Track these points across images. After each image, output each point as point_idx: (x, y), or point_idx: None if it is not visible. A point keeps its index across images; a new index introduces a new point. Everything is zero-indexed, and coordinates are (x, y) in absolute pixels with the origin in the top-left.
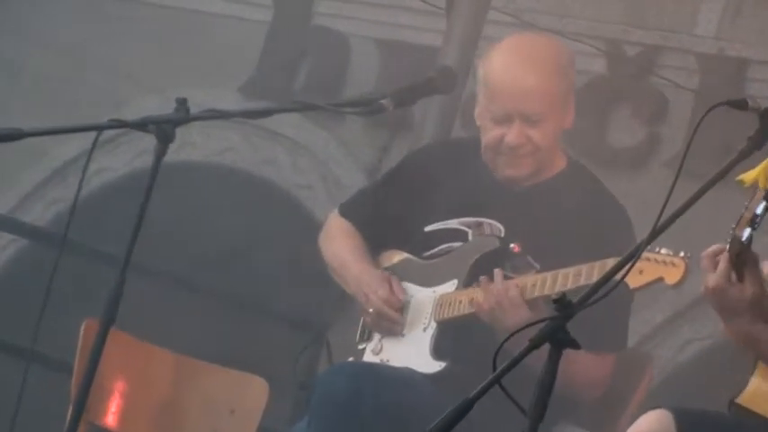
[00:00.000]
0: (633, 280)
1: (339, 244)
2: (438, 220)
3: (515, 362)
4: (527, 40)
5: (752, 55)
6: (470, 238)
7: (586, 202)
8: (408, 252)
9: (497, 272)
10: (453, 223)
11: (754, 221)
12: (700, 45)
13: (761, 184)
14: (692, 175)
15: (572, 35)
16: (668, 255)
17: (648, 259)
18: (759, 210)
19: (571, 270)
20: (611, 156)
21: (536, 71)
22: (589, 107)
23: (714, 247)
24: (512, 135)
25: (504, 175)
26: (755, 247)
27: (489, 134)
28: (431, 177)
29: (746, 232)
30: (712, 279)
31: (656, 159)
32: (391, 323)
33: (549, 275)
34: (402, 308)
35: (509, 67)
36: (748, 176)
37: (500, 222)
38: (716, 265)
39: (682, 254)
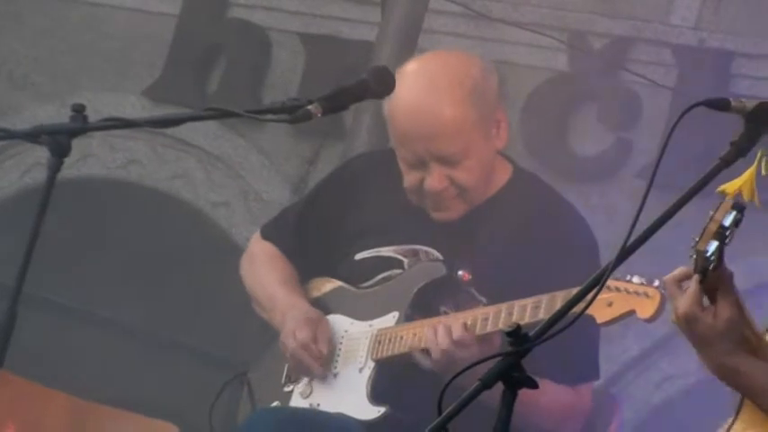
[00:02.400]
0: (601, 314)
1: (267, 273)
2: (370, 246)
3: (463, 404)
4: (425, 67)
5: (738, 47)
6: (406, 267)
7: (536, 218)
8: (341, 280)
9: (439, 326)
10: (387, 251)
11: (722, 234)
12: (677, 36)
13: (745, 196)
14: (668, 186)
15: (529, 26)
16: (641, 284)
17: (618, 289)
18: (727, 221)
19: (529, 301)
20: (575, 165)
21: (442, 103)
22: (549, 109)
23: (678, 271)
24: (431, 181)
25: (433, 217)
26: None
27: (407, 178)
28: (360, 195)
29: (712, 246)
30: (682, 304)
31: (626, 169)
32: (310, 371)
33: (504, 307)
34: (323, 357)
35: (411, 103)
36: (731, 186)
37: (437, 249)
38: (683, 289)
39: (656, 283)
